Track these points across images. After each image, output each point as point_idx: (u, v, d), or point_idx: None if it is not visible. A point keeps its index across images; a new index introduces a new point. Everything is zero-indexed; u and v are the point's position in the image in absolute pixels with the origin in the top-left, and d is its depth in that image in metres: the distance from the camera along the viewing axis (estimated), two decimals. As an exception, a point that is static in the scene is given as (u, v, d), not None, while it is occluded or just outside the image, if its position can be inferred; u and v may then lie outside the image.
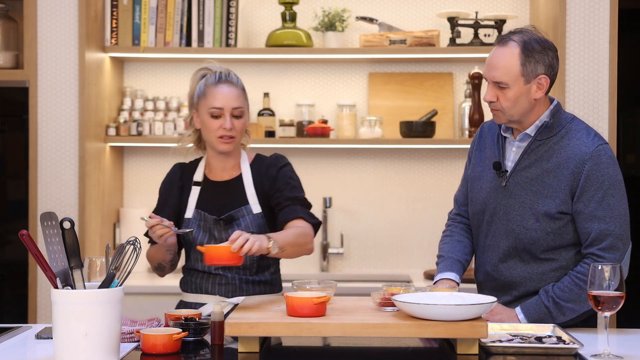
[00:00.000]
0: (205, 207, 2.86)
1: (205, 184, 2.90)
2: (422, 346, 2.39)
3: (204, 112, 2.83)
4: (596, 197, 2.59)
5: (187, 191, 2.90)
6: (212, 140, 2.84)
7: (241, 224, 2.83)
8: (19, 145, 3.99)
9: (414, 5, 4.36)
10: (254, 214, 2.85)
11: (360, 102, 4.38)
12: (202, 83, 2.85)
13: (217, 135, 2.81)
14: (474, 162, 2.86)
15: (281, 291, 2.95)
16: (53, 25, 3.97)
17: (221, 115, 2.81)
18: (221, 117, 2.81)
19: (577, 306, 2.61)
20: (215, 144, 2.83)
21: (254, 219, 2.85)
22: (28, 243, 2.08)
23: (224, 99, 2.82)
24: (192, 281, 2.90)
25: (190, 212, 2.86)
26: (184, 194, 2.90)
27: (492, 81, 2.65)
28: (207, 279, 2.86)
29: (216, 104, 2.81)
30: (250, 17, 4.37)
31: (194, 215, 2.85)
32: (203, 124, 2.85)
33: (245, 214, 2.84)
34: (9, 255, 4.02)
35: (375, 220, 4.38)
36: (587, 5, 3.82)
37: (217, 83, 2.83)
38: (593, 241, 2.60)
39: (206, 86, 2.84)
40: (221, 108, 2.81)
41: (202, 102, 2.84)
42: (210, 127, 2.82)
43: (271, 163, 2.92)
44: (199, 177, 2.91)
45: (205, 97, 2.83)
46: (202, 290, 2.87)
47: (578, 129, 2.68)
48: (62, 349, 2.09)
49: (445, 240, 2.90)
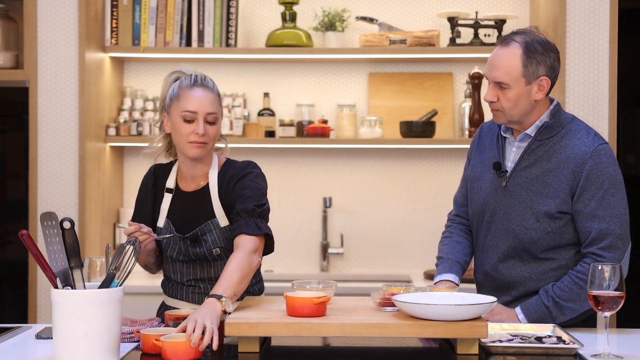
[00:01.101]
0: (175, 218, 2.72)
1: (177, 193, 2.76)
2: (422, 346, 2.39)
3: (176, 115, 2.64)
4: (596, 197, 2.60)
5: (160, 198, 2.77)
6: (182, 145, 2.65)
7: (208, 240, 2.67)
8: (19, 145, 3.99)
9: (414, 5, 4.36)
10: (220, 228, 2.68)
11: (360, 102, 4.38)
12: (176, 85, 2.68)
13: (189, 140, 2.63)
14: (473, 163, 2.86)
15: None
16: (53, 25, 3.97)
17: (194, 120, 2.63)
18: (194, 122, 2.63)
19: (577, 306, 2.61)
20: (185, 149, 2.65)
21: (222, 233, 2.68)
22: (28, 243, 2.08)
23: (199, 103, 2.63)
24: (171, 287, 2.79)
25: (162, 221, 2.73)
26: (157, 201, 2.77)
27: (493, 81, 2.65)
28: (184, 288, 2.76)
29: (190, 108, 2.62)
30: (250, 17, 4.37)
31: (164, 225, 2.73)
32: (174, 127, 2.66)
33: (212, 228, 2.68)
34: (9, 255, 4.02)
35: (375, 220, 4.38)
36: (587, 5, 3.82)
37: (192, 86, 2.65)
38: (593, 240, 2.60)
39: (180, 89, 2.66)
40: (195, 112, 2.63)
41: (175, 105, 2.65)
42: (182, 132, 2.63)
43: (234, 175, 2.71)
44: (171, 184, 2.76)
45: (179, 100, 2.64)
46: (182, 298, 2.76)
47: (578, 129, 2.68)
48: (62, 349, 2.09)
49: (445, 242, 2.90)
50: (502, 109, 2.66)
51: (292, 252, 4.40)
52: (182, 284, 2.75)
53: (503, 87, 2.64)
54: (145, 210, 2.79)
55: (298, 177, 4.41)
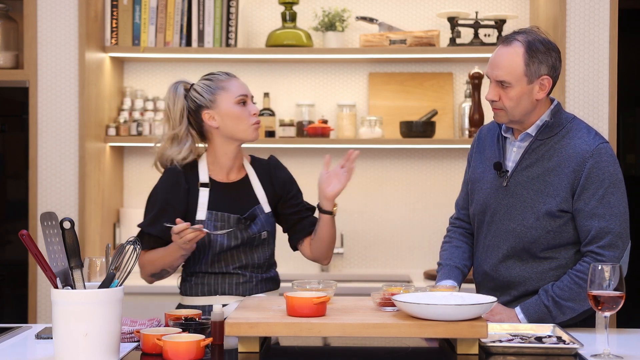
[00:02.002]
0: (219, 208, 2.82)
1: (213, 186, 2.85)
2: (422, 346, 2.39)
3: (229, 103, 2.82)
4: (597, 195, 2.60)
5: (194, 193, 2.83)
6: (243, 130, 2.83)
7: (258, 223, 2.85)
8: (19, 145, 3.99)
9: (414, 5, 4.36)
10: (266, 214, 2.88)
11: (360, 102, 4.38)
12: (209, 83, 2.84)
13: (251, 122, 2.82)
14: (474, 165, 2.86)
15: (279, 287, 2.97)
16: (53, 25, 3.97)
17: (246, 103, 2.84)
18: (247, 104, 2.84)
19: (577, 305, 2.61)
20: (247, 132, 2.83)
21: (267, 219, 2.88)
22: (28, 243, 2.08)
23: (244, 87, 2.86)
24: (204, 283, 2.83)
25: (203, 214, 2.80)
26: (192, 197, 2.83)
27: (495, 80, 2.66)
28: (222, 279, 2.83)
29: (242, 92, 2.83)
30: (250, 17, 4.37)
31: (207, 217, 2.80)
32: (231, 116, 2.82)
33: (259, 213, 2.86)
34: (9, 255, 4.02)
35: (375, 220, 4.38)
36: (587, 5, 3.82)
37: (229, 77, 2.86)
38: (593, 239, 2.61)
39: (219, 82, 2.84)
40: (246, 95, 2.84)
41: (223, 95, 2.82)
42: (243, 115, 2.81)
43: (276, 165, 2.97)
44: (205, 179, 2.85)
45: (226, 90, 2.82)
46: (216, 292, 2.81)
47: (579, 128, 2.69)
48: (62, 349, 2.09)
49: (444, 247, 2.91)
50: (504, 107, 2.66)
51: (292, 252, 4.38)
52: (226, 274, 2.81)
53: (505, 86, 2.64)
54: (174, 209, 2.80)
55: (298, 177, 4.39)
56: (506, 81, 2.63)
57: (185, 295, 2.87)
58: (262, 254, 2.87)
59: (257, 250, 2.86)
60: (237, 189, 2.88)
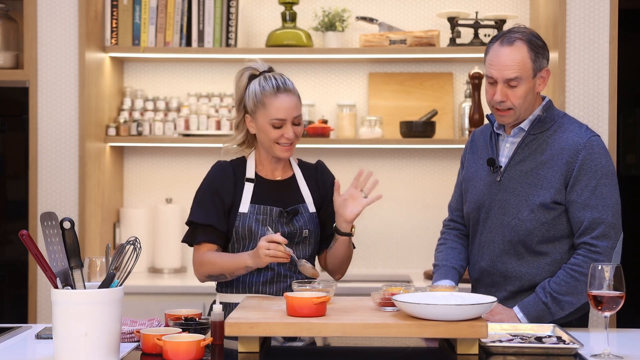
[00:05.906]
0: (262, 202, 2.81)
1: (258, 182, 2.86)
2: (422, 346, 2.39)
3: (264, 122, 2.77)
4: (589, 186, 2.64)
5: (240, 187, 2.84)
6: (270, 146, 2.80)
7: (300, 220, 2.81)
8: (19, 145, 3.99)
9: (414, 5, 4.36)
10: (310, 213, 2.85)
11: (360, 102, 4.38)
12: (258, 90, 2.78)
13: (279, 142, 2.78)
14: (467, 165, 2.90)
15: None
16: (53, 25, 3.97)
17: (283, 125, 2.77)
18: (283, 127, 2.77)
19: (575, 299, 2.63)
20: (274, 149, 2.80)
21: (311, 218, 2.84)
22: (28, 243, 2.08)
23: (286, 111, 2.77)
24: (239, 280, 2.80)
25: (246, 207, 2.80)
26: (237, 190, 2.84)
27: (503, 80, 2.67)
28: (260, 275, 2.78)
29: (279, 116, 2.76)
30: (250, 17, 4.37)
31: (249, 210, 2.79)
32: (262, 131, 2.79)
33: (303, 211, 2.83)
34: (9, 255, 4.02)
35: (375, 220, 4.37)
36: (587, 5, 3.82)
37: (276, 93, 2.77)
38: (586, 229, 2.64)
39: (264, 95, 2.77)
40: (284, 119, 2.76)
41: (262, 112, 2.77)
42: (272, 136, 2.77)
43: (323, 170, 2.94)
44: (251, 174, 2.86)
45: (266, 108, 2.77)
46: (250, 290, 2.80)
47: (570, 123, 2.76)
48: (62, 349, 2.09)
49: (440, 249, 2.92)
50: (513, 106, 2.70)
51: (292, 252, 4.39)
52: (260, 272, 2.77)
53: (512, 85, 2.67)
54: (223, 199, 2.81)
55: (298, 177, 4.41)
56: (518, 77, 2.67)
57: (221, 292, 2.85)
58: (302, 252, 2.82)
59: (298, 247, 2.81)
60: (283, 187, 2.87)
